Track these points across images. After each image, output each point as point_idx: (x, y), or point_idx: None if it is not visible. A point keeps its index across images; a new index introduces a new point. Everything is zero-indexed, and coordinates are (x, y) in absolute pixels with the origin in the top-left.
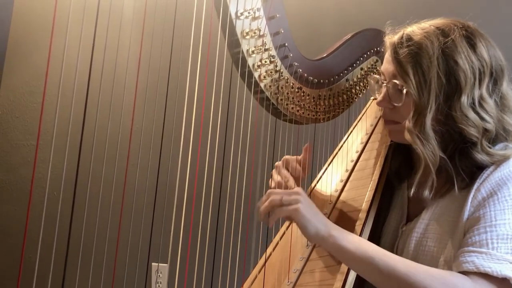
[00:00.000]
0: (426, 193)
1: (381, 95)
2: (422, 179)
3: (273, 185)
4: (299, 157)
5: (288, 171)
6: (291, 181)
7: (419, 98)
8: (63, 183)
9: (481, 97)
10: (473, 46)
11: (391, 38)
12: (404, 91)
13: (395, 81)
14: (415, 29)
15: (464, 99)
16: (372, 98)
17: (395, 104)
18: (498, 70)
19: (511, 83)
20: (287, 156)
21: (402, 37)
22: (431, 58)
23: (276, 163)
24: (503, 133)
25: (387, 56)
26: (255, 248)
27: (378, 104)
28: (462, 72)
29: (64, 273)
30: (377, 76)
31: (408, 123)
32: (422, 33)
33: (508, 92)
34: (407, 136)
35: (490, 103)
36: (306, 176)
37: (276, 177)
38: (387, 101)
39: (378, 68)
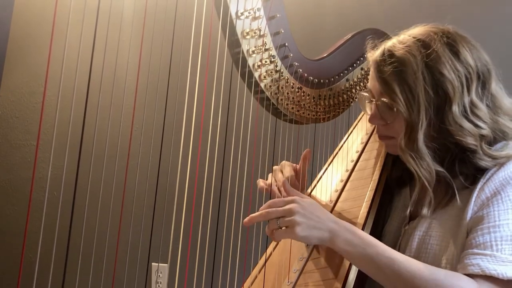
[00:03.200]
0: (425, 211)
1: (372, 113)
2: (420, 196)
3: (266, 186)
4: (296, 166)
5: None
6: (280, 182)
7: (409, 114)
8: (63, 183)
9: (472, 104)
10: (456, 53)
11: (372, 55)
12: (395, 109)
13: (383, 99)
14: (396, 43)
15: (455, 108)
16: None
17: (387, 122)
18: (485, 72)
19: (500, 82)
20: (283, 162)
21: (383, 54)
22: (416, 73)
23: (274, 167)
24: (501, 134)
25: (372, 73)
26: (255, 248)
27: (370, 122)
28: (449, 82)
29: (64, 273)
30: (366, 94)
31: (400, 142)
32: (403, 48)
33: (498, 92)
34: (400, 154)
35: (482, 108)
36: (302, 185)
37: (270, 179)
38: (378, 118)
39: None
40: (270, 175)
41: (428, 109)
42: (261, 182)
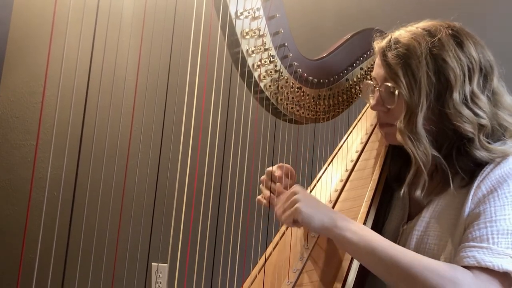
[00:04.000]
0: (418, 193)
1: (375, 99)
2: (415, 179)
3: (265, 201)
4: (283, 168)
5: (275, 182)
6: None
7: (410, 97)
8: (62, 183)
9: (472, 93)
10: (460, 44)
11: (379, 43)
12: (396, 92)
13: (386, 83)
14: (402, 32)
15: (456, 96)
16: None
17: (389, 107)
18: (487, 67)
19: (502, 80)
20: (268, 168)
21: (389, 41)
22: (420, 58)
23: (262, 178)
24: (499, 128)
25: (377, 61)
26: (255, 248)
27: (372, 108)
28: (451, 70)
29: (63, 272)
30: (369, 82)
31: (399, 124)
32: (409, 35)
33: (499, 88)
34: (399, 137)
35: (482, 99)
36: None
37: (265, 192)
38: (380, 105)
39: None
40: (261, 186)
41: (429, 93)
42: (261, 199)
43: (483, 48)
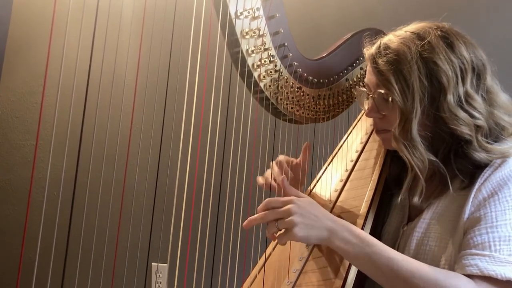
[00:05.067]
0: (416, 199)
1: (369, 106)
2: (413, 184)
3: (262, 182)
4: (296, 160)
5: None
6: (279, 178)
7: (404, 103)
8: (62, 183)
9: (467, 94)
10: (450, 45)
11: (369, 50)
12: (390, 99)
13: (379, 90)
14: (391, 37)
15: (450, 98)
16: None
17: (384, 113)
18: (480, 66)
19: (495, 78)
20: (281, 157)
21: (379, 47)
22: (410, 62)
23: (272, 162)
24: (496, 128)
25: (368, 67)
26: (255, 247)
27: (367, 115)
28: (443, 73)
29: (63, 272)
30: (363, 89)
31: (394, 131)
32: (398, 40)
33: (494, 86)
34: (394, 144)
35: (477, 99)
36: (301, 179)
37: (268, 175)
38: (375, 111)
39: None
40: (268, 171)
41: (422, 98)
42: (260, 180)
43: (474, 47)
